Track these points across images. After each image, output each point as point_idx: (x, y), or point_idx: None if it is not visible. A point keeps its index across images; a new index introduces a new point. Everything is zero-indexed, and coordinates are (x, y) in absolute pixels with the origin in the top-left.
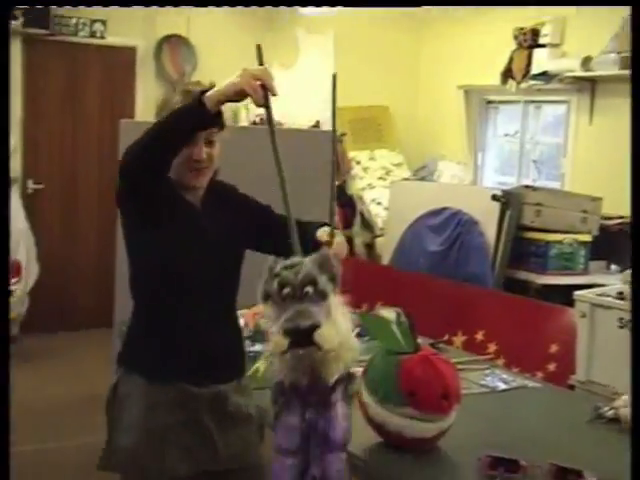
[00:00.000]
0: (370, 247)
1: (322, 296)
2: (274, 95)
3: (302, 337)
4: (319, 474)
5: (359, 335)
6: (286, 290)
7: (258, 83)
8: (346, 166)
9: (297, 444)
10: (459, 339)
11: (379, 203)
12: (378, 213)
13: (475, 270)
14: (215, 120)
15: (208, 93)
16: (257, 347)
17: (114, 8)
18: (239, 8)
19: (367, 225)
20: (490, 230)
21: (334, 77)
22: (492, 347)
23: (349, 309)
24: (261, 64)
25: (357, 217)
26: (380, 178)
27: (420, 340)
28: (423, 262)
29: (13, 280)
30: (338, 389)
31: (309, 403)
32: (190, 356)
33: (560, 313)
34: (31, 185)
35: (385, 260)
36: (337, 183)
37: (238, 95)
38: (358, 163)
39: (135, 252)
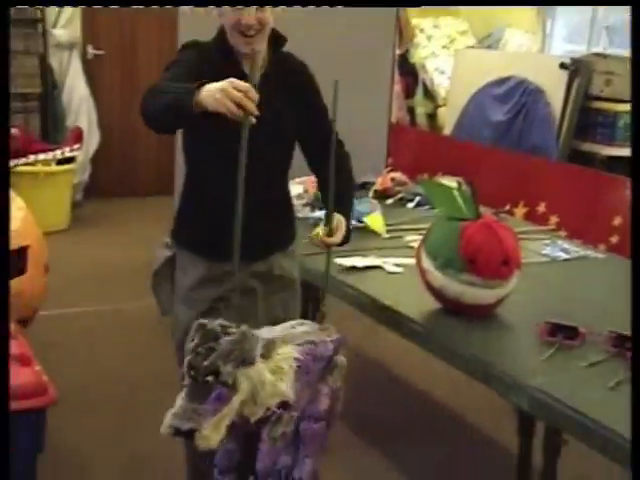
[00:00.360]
0: (432, 117)
1: (223, 384)
2: (253, 115)
3: (183, 435)
4: None
5: (419, 204)
6: (192, 372)
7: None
8: (408, 34)
9: (226, 466)
10: (520, 211)
11: (442, 72)
12: (441, 82)
13: (539, 141)
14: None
15: (199, 96)
16: (316, 213)
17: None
18: None
19: (429, 95)
20: (557, 100)
21: (336, 84)
22: (554, 219)
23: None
24: (251, 74)
25: (419, 86)
26: (444, 47)
27: (481, 209)
28: (486, 133)
29: (75, 146)
30: (263, 429)
31: (248, 432)
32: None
33: (625, 185)
34: (91, 51)
35: (447, 131)
36: (399, 52)
37: (217, 112)
38: (421, 31)
39: None
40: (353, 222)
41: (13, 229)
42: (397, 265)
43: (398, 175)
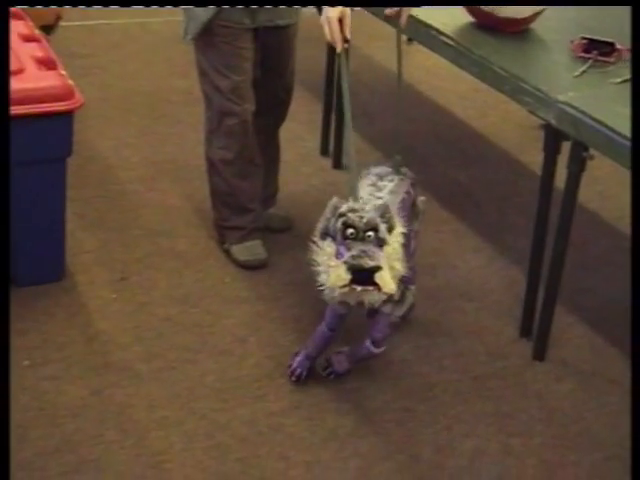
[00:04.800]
0: None
1: (380, 243)
2: None
3: (364, 276)
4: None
5: None
6: (350, 231)
7: None
8: None
9: (336, 325)
10: None
11: None
12: None
13: None
14: None
15: None
16: None
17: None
18: None
19: None
20: None
21: None
22: None
23: None
24: None
25: None
26: None
27: None
28: None
29: None
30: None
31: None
32: None
33: None
34: None
35: None
36: None
37: None
38: None
39: None
40: None
41: None
42: None
43: None
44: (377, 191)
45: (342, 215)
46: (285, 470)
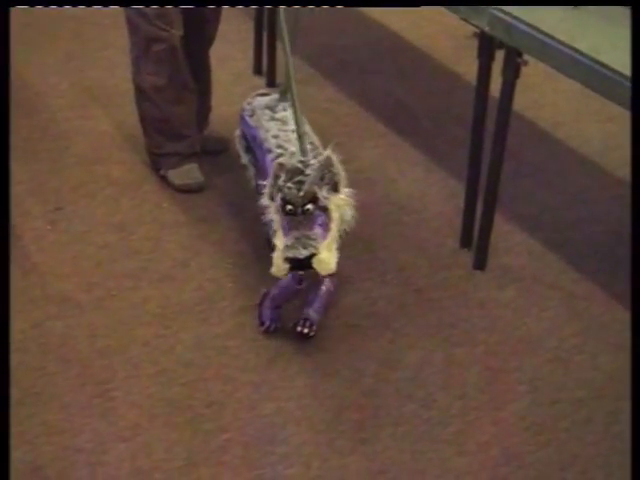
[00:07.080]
0: None
1: (322, 210)
2: None
3: (301, 264)
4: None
5: None
6: (288, 207)
7: None
8: None
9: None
10: None
11: None
12: None
13: None
14: None
15: None
16: None
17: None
18: None
19: None
20: None
21: None
22: None
23: None
24: None
25: None
26: None
27: None
28: None
29: None
30: None
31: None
32: None
33: None
34: None
35: None
36: None
37: None
38: None
39: None
40: None
41: None
42: None
43: None
44: (283, 125)
45: (280, 189)
46: (232, 392)
